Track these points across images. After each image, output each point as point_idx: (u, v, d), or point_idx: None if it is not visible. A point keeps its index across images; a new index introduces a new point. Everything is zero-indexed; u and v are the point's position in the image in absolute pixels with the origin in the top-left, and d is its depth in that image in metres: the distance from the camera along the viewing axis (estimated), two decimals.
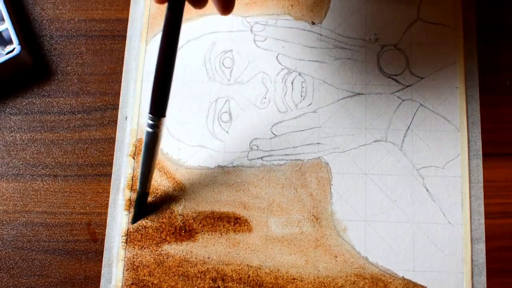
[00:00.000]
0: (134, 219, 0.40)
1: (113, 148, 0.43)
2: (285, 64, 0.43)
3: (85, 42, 0.45)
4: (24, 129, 0.44)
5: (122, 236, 0.40)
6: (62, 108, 0.44)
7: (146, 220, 0.41)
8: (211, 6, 0.45)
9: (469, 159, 0.41)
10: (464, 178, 0.40)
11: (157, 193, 0.41)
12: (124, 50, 0.45)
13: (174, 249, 0.40)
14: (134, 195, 0.41)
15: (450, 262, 0.39)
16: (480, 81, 0.42)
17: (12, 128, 0.44)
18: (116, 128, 0.43)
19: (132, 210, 0.41)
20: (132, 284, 0.40)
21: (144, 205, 0.40)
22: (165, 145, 0.42)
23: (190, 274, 0.40)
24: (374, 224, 0.40)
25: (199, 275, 0.39)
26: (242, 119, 0.42)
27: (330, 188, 0.41)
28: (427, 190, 0.40)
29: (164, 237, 0.40)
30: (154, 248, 0.40)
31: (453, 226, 0.39)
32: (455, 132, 0.41)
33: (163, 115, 0.36)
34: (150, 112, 0.35)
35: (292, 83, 0.43)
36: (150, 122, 0.36)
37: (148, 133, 0.36)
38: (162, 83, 0.34)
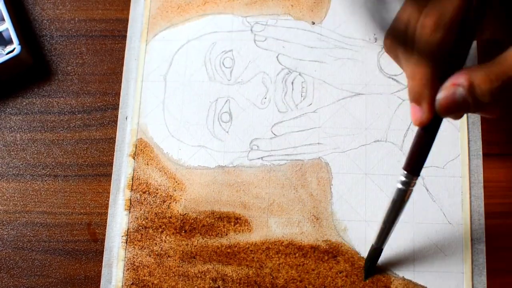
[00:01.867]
0: (366, 275, 0.38)
1: (113, 148, 0.43)
2: (285, 64, 0.43)
3: (85, 42, 0.45)
4: (24, 129, 0.44)
5: (122, 236, 0.40)
6: (62, 108, 0.44)
7: (146, 220, 0.41)
8: (211, 6, 0.45)
9: (469, 159, 0.41)
10: (464, 178, 0.40)
11: (157, 193, 0.41)
12: (124, 50, 0.45)
13: (174, 249, 0.40)
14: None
15: (450, 262, 0.39)
16: None
17: (12, 128, 0.44)
18: (116, 128, 0.43)
19: (132, 210, 0.41)
20: (132, 284, 0.40)
21: (377, 261, 0.38)
22: (165, 145, 0.42)
23: (190, 274, 0.40)
24: (374, 224, 0.40)
25: (199, 275, 0.39)
26: (242, 119, 0.42)
27: (330, 188, 0.41)
28: (427, 190, 0.40)
29: (164, 237, 0.40)
30: (154, 248, 0.40)
31: (453, 226, 0.39)
32: (455, 132, 0.41)
33: (418, 174, 0.33)
34: (405, 169, 0.33)
35: (292, 83, 0.43)
36: (404, 179, 0.33)
37: (399, 190, 0.33)
38: (425, 143, 0.32)
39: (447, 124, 0.41)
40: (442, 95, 0.29)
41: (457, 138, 0.41)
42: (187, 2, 0.45)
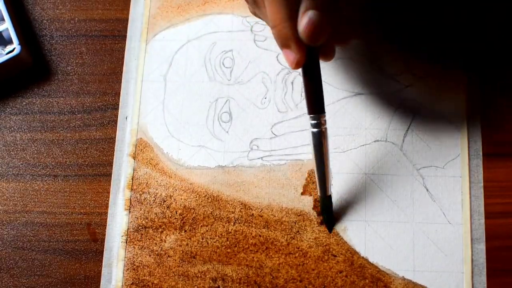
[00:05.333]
0: (330, 228, 0.40)
1: (113, 148, 0.43)
2: (285, 64, 0.43)
3: (85, 42, 0.45)
4: (24, 129, 0.44)
5: (122, 236, 0.40)
6: (62, 108, 0.44)
7: (146, 220, 0.41)
8: (211, 6, 0.45)
9: (469, 159, 0.41)
10: (464, 178, 0.40)
11: (157, 193, 0.41)
12: (124, 50, 0.45)
13: (174, 249, 0.40)
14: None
15: (450, 262, 0.39)
16: (480, 81, 0.42)
17: (12, 128, 0.44)
18: (116, 128, 0.43)
19: (132, 210, 0.41)
20: (132, 284, 0.40)
21: (331, 209, 0.39)
22: (165, 145, 0.42)
23: (190, 274, 0.40)
24: (374, 224, 0.40)
25: (199, 275, 0.39)
26: (242, 119, 0.42)
27: (330, 188, 0.41)
28: (427, 190, 0.40)
29: (164, 237, 0.40)
30: (154, 248, 0.40)
31: (453, 226, 0.39)
32: (455, 132, 0.41)
33: (323, 112, 0.35)
34: (311, 113, 0.35)
35: (292, 83, 0.43)
36: (314, 122, 0.35)
37: (315, 133, 0.35)
38: (315, 81, 0.34)
39: (447, 124, 0.41)
40: (301, 27, 0.31)
41: (457, 138, 0.41)
42: (187, 2, 0.45)
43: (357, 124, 0.42)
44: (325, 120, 0.35)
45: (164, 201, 0.41)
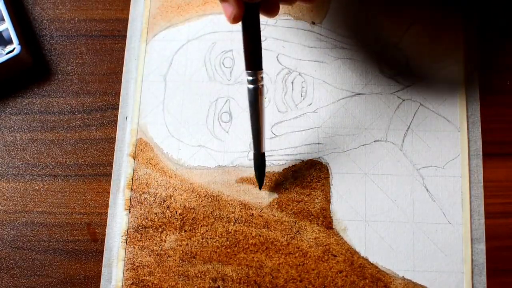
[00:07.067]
0: (261, 183, 0.40)
1: (113, 148, 0.43)
2: (285, 64, 0.43)
3: (85, 42, 0.45)
4: (24, 129, 0.44)
5: (122, 236, 0.40)
6: (62, 108, 0.44)
7: (146, 220, 0.41)
8: (211, 6, 0.45)
9: (469, 159, 0.41)
10: (464, 178, 0.40)
11: (157, 193, 0.41)
12: (124, 50, 0.45)
13: (174, 249, 0.40)
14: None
15: (450, 262, 0.39)
16: (480, 81, 0.42)
17: (12, 128, 0.44)
18: (116, 128, 0.43)
19: (132, 210, 0.41)
20: (132, 284, 0.40)
21: (264, 167, 0.39)
22: (165, 145, 0.42)
23: (190, 274, 0.40)
24: (374, 224, 0.40)
25: (199, 275, 0.39)
26: (242, 119, 0.42)
27: (330, 188, 0.41)
28: (427, 190, 0.40)
29: (164, 237, 0.40)
30: (154, 248, 0.40)
31: (453, 226, 0.39)
32: (455, 132, 0.41)
33: (260, 68, 0.35)
34: (248, 69, 0.35)
35: (292, 83, 0.43)
36: (250, 78, 0.35)
37: (250, 90, 0.35)
38: (253, 37, 0.34)
39: (447, 124, 0.41)
40: None
41: (457, 138, 0.41)
42: (187, 2, 0.45)
43: (357, 124, 0.42)
44: (262, 77, 0.35)
45: (164, 201, 0.41)
